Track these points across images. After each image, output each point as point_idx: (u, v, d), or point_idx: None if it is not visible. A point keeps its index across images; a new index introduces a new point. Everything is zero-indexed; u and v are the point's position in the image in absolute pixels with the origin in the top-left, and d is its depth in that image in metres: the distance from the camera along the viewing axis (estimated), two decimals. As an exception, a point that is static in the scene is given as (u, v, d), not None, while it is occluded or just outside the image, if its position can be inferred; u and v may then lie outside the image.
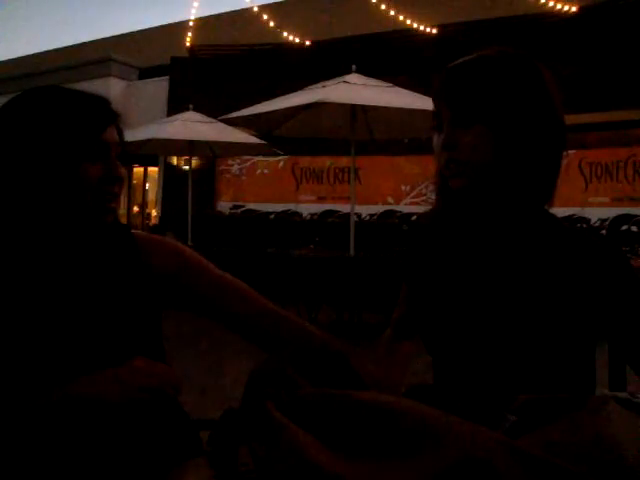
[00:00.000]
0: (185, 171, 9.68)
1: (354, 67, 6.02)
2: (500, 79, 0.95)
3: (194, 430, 1.10)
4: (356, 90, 5.56)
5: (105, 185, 0.97)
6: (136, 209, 14.57)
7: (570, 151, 9.19)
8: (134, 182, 14.26)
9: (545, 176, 0.98)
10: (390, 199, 10.97)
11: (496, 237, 1.02)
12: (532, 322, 0.95)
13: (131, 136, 7.11)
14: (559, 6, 9.28)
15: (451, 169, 0.97)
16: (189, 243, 7.48)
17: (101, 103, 1.01)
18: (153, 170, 13.59)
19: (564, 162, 1.00)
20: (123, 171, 1.01)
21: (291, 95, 5.99)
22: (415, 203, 10.64)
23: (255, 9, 11.95)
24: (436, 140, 0.99)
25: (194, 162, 10.37)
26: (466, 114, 0.95)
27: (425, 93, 6.09)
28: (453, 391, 0.90)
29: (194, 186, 8.10)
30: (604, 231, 7.81)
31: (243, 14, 12.45)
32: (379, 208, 10.64)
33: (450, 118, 0.96)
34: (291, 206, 11.32)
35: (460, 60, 0.99)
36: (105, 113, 1.01)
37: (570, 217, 8.35)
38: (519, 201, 0.98)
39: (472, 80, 0.95)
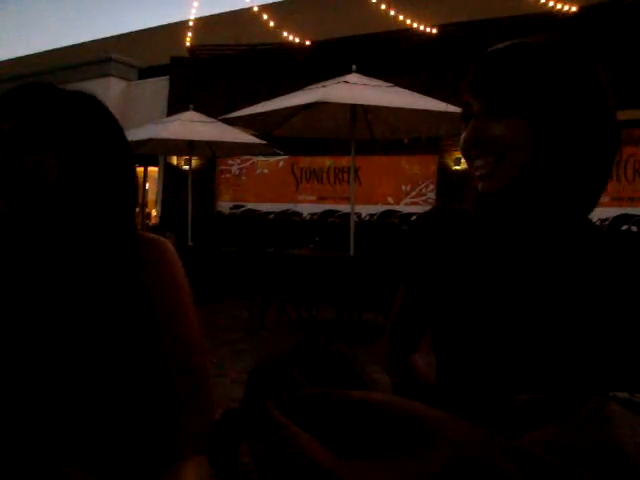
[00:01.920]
0: (185, 171, 9.68)
1: (354, 67, 6.03)
2: (548, 67, 0.82)
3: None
4: (356, 90, 5.57)
5: None
6: (136, 209, 14.54)
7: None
8: (134, 182, 14.23)
9: (594, 181, 0.86)
10: (390, 199, 10.97)
11: (531, 246, 0.90)
12: (563, 333, 0.86)
13: (131, 136, 7.12)
14: (559, 6, 9.28)
15: (481, 168, 0.85)
16: (189, 243, 7.48)
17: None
18: (153, 170, 13.59)
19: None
20: None
21: (291, 95, 5.99)
22: (415, 203, 10.63)
23: (255, 9, 11.95)
24: (462, 137, 0.87)
25: (194, 162, 10.37)
26: (500, 103, 0.82)
27: (425, 93, 6.11)
28: (463, 395, 0.86)
29: (194, 186, 8.10)
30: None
31: (243, 14, 12.44)
32: (379, 208, 10.64)
33: (480, 109, 0.84)
34: (291, 206, 11.31)
35: (501, 44, 0.86)
36: None
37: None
38: (561, 209, 0.86)
39: (507, 67, 0.83)
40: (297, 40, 11.36)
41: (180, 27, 12.59)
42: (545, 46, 0.85)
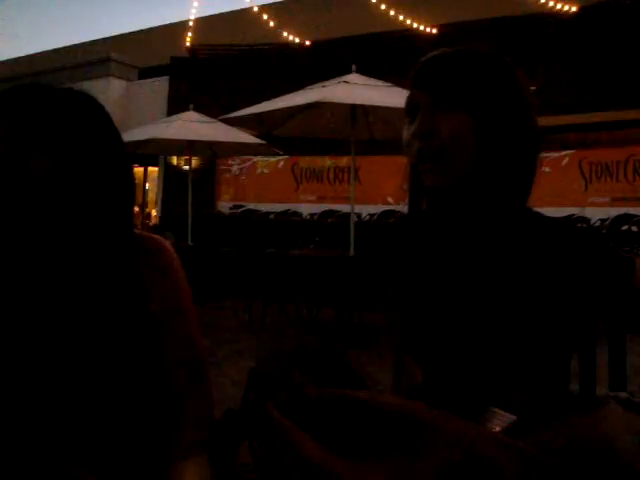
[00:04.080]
0: (185, 171, 9.68)
1: (354, 67, 6.02)
2: (482, 71, 0.92)
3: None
4: (356, 90, 5.57)
5: None
6: (136, 209, 14.56)
7: (570, 151, 9.18)
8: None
9: (522, 174, 0.95)
10: (390, 199, 10.96)
11: (475, 234, 0.99)
12: (515, 317, 0.93)
13: (131, 136, 7.11)
14: (559, 6, 9.28)
15: (426, 162, 0.92)
16: (189, 243, 7.48)
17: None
18: (153, 170, 13.59)
19: (564, 162, 0.98)
20: None
21: (291, 95, 5.99)
22: (415, 203, 10.61)
23: (255, 9, 11.95)
24: (407, 131, 0.95)
25: (194, 162, 10.37)
26: (447, 98, 0.90)
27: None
28: (436, 390, 0.90)
29: (194, 186, 8.10)
30: (604, 231, 7.81)
31: (243, 14, 12.44)
32: (379, 208, 10.63)
33: (429, 103, 0.91)
34: (291, 206, 11.31)
35: (437, 51, 0.96)
36: None
37: (570, 217, 8.35)
38: (500, 198, 0.95)
39: (454, 67, 0.93)
40: (297, 40, 11.37)
41: (180, 27, 12.59)
42: (482, 54, 0.95)
